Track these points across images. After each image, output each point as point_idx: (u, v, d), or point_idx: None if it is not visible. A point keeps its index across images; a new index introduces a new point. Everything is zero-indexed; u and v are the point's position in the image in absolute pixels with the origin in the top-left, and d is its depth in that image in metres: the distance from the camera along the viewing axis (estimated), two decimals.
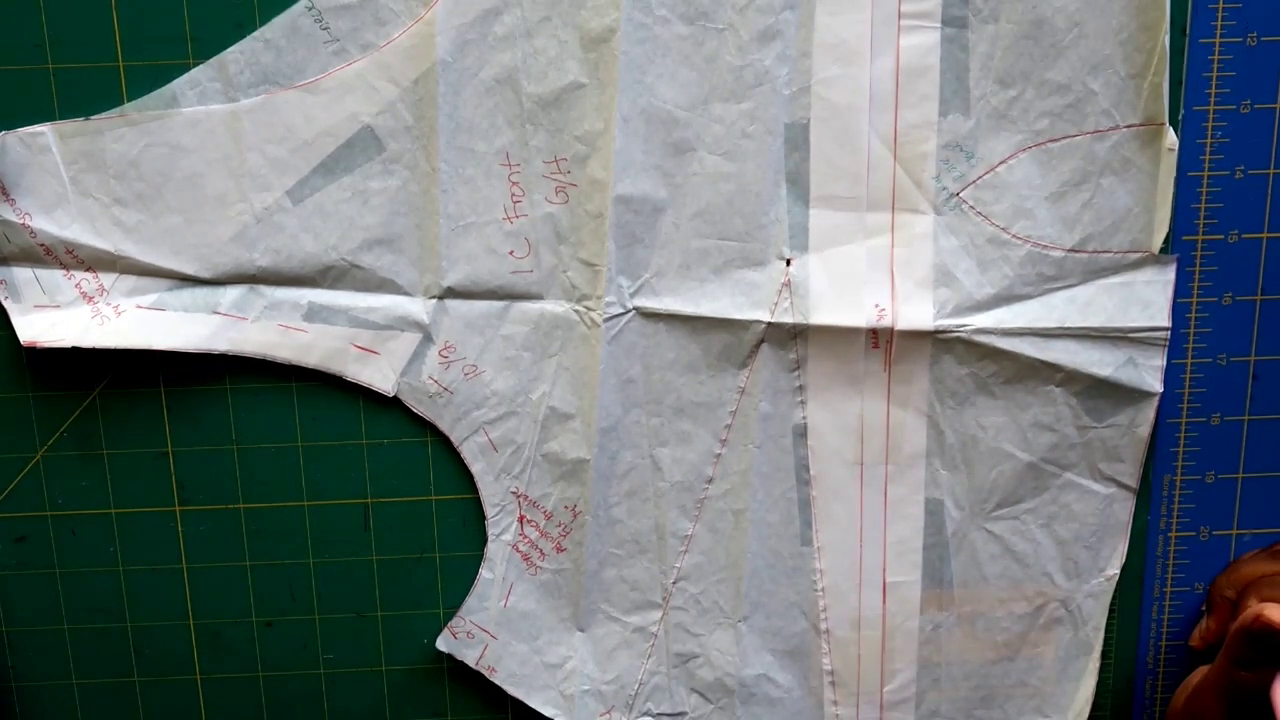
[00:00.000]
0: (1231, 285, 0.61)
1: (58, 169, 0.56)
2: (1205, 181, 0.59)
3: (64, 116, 0.56)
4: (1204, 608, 0.64)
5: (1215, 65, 0.58)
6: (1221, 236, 0.60)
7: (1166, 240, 0.59)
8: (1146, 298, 0.59)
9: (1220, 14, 0.57)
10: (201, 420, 0.60)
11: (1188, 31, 0.57)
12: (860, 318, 0.58)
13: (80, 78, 0.56)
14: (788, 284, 0.58)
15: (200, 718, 0.64)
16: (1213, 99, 0.58)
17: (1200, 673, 0.61)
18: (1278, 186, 0.59)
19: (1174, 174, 0.57)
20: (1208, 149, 0.59)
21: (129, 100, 0.56)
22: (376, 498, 0.62)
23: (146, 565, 0.62)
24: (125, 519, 0.61)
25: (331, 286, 0.58)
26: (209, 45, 0.56)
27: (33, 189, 0.56)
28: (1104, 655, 0.65)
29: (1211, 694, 0.59)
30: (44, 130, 0.55)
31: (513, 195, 0.58)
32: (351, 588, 0.63)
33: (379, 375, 0.59)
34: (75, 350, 0.57)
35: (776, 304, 0.59)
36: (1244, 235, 0.60)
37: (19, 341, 0.57)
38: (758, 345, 0.59)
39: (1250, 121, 0.59)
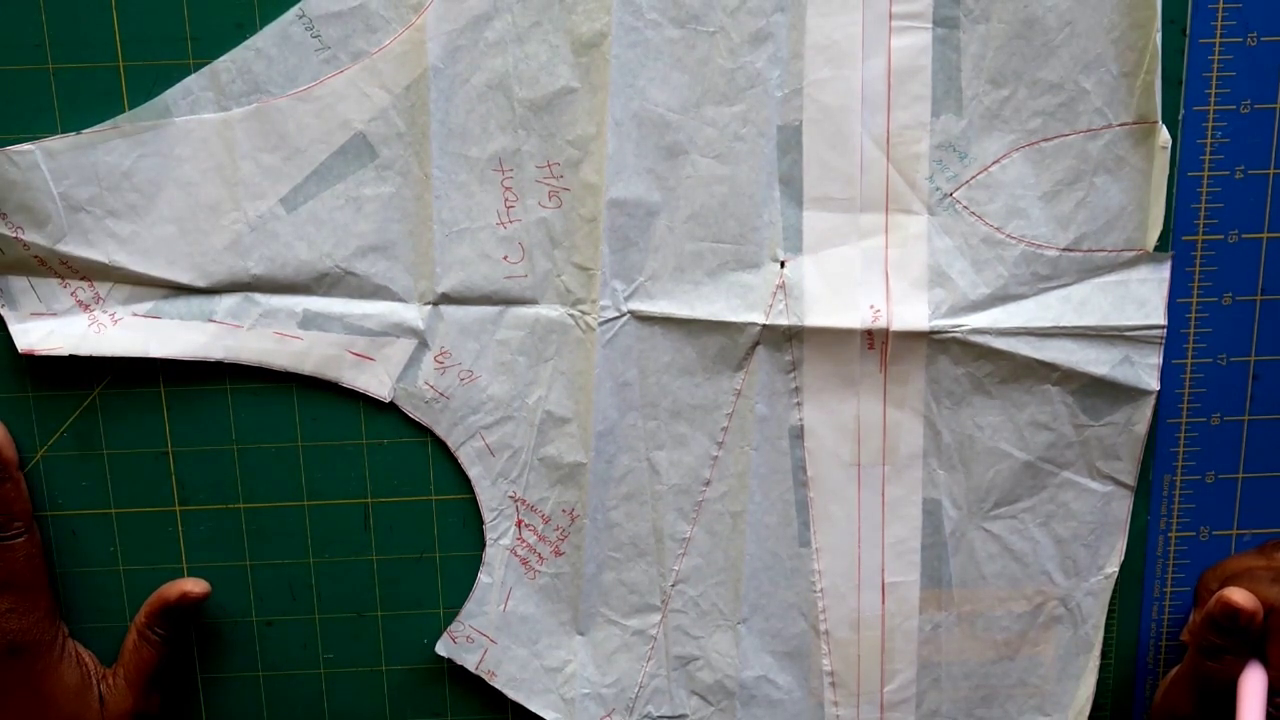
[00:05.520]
0: (1231, 285, 0.60)
1: (47, 185, 0.56)
2: (1205, 181, 0.59)
3: (64, 117, 0.56)
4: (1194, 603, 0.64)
5: (1215, 65, 0.57)
6: (1221, 236, 0.59)
7: (1163, 238, 0.58)
8: (1142, 296, 0.58)
9: (1220, 14, 0.57)
10: (201, 420, 0.61)
11: (1188, 31, 0.57)
12: (855, 319, 0.58)
13: (80, 78, 0.56)
14: (782, 286, 0.58)
15: (200, 718, 0.65)
16: (1213, 99, 0.58)
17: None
18: (1278, 186, 0.59)
19: (1167, 172, 0.57)
20: (1208, 149, 0.58)
21: (129, 100, 0.56)
22: (376, 498, 0.62)
23: (146, 565, 0.62)
24: (125, 519, 0.62)
25: (326, 294, 0.58)
26: (209, 45, 0.56)
27: (22, 206, 0.56)
28: (1104, 655, 0.65)
29: (1183, 687, 0.59)
30: (31, 149, 0.55)
31: (506, 200, 0.58)
32: (351, 588, 0.63)
33: (375, 381, 0.60)
34: None
35: (771, 306, 0.59)
36: (1244, 235, 0.59)
37: None
38: (753, 347, 0.59)
39: (1250, 121, 0.58)
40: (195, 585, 0.60)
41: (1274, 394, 0.62)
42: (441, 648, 0.63)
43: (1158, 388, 0.60)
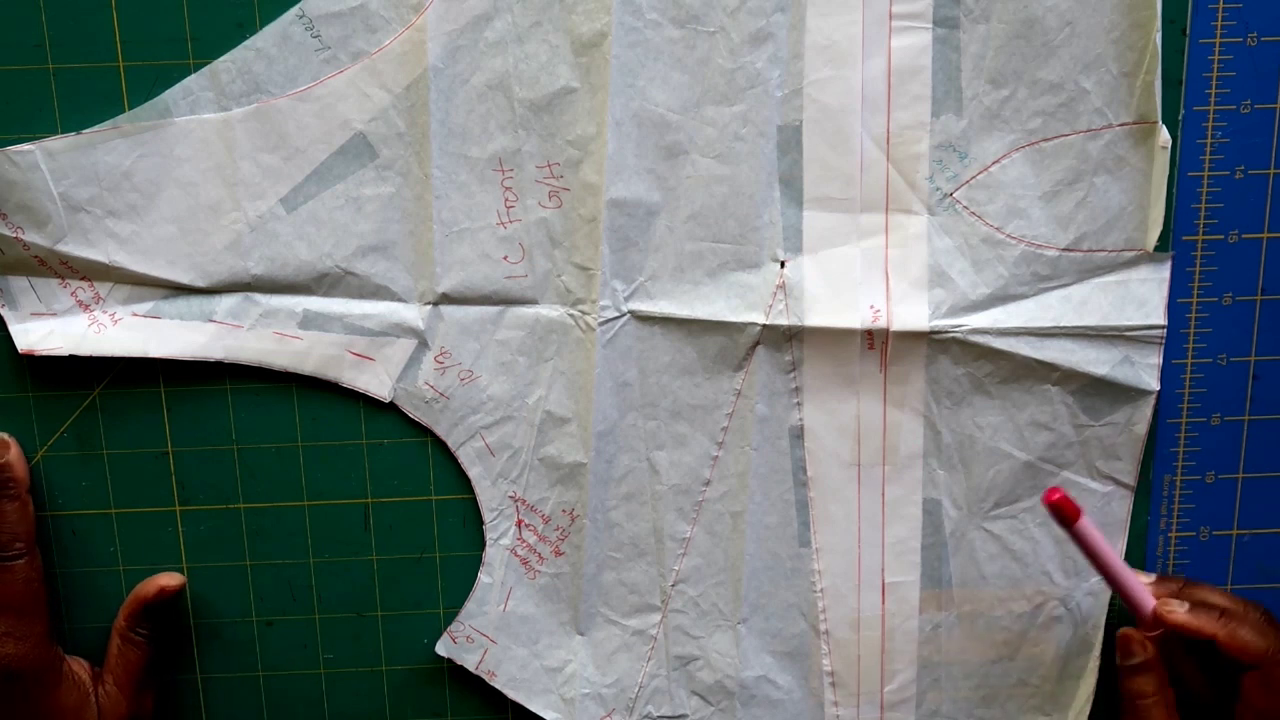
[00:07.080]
0: (1231, 285, 0.60)
1: (47, 185, 0.56)
2: (1205, 181, 0.59)
3: (64, 117, 0.56)
4: None
5: (1215, 65, 0.57)
6: (1221, 236, 0.59)
7: (1163, 239, 0.58)
8: (1142, 296, 0.58)
9: (1220, 14, 0.57)
10: (201, 420, 0.61)
11: (1188, 31, 0.57)
12: (855, 319, 0.58)
13: (80, 78, 0.56)
14: (782, 286, 0.58)
15: (201, 718, 0.65)
16: (1213, 99, 0.58)
17: None
18: (1278, 186, 0.59)
19: (1167, 172, 0.57)
20: (1208, 149, 0.58)
21: (129, 100, 0.56)
22: (376, 498, 0.62)
23: (146, 565, 0.62)
24: (125, 519, 0.62)
25: (326, 294, 0.59)
26: (209, 46, 0.56)
27: (22, 206, 0.56)
28: (1104, 655, 0.65)
29: None
30: (32, 149, 0.55)
31: (506, 200, 0.58)
32: (351, 588, 0.63)
33: (375, 381, 0.60)
34: None
35: (771, 306, 0.59)
36: (1244, 235, 0.59)
37: None
38: (753, 347, 0.59)
39: (1250, 121, 0.58)
40: (170, 579, 0.60)
41: (1274, 394, 0.62)
42: (441, 648, 0.63)
43: (1158, 388, 0.59)
